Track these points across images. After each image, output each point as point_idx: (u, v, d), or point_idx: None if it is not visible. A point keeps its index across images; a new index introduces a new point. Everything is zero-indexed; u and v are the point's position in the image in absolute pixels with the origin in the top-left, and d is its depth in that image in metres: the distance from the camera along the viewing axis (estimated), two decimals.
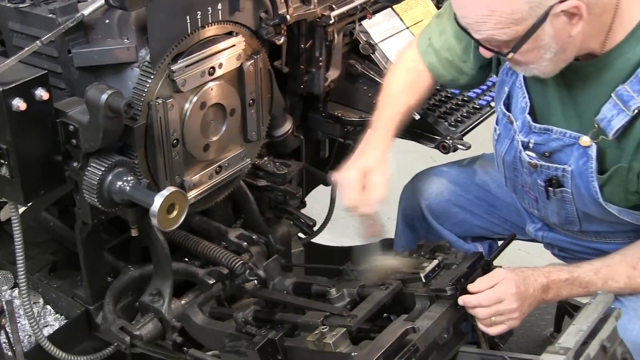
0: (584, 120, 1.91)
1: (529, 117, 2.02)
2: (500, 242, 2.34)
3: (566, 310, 2.76)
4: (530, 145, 2.03)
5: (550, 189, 2.03)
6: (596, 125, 1.86)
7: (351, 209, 2.09)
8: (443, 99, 2.69)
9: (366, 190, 2.08)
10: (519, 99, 2.06)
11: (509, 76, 2.09)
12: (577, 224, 2.10)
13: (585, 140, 1.89)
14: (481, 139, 4.56)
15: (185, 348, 2.17)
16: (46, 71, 1.80)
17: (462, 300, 1.91)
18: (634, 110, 1.78)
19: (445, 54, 2.26)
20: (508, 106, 2.12)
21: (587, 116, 1.89)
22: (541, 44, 1.75)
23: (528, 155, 2.04)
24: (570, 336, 1.61)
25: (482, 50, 1.87)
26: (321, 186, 3.08)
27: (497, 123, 2.18)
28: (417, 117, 2.50)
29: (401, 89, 2.30)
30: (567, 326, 1.67)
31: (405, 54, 2.37)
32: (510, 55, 1.79)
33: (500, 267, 2.02)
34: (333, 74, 2.58)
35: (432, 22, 2.34)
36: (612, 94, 1.82)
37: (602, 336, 1.63)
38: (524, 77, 2.03)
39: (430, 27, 2.32)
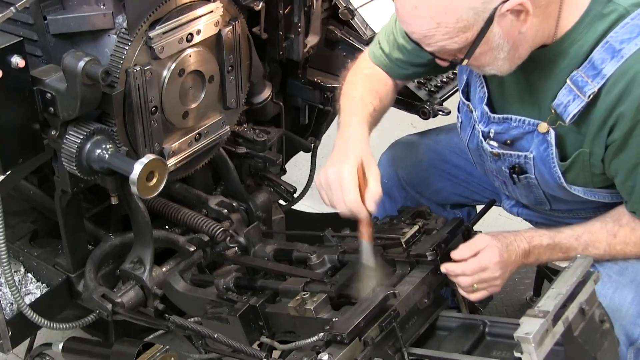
0: (543, 107, 1.92)
1: (486, 108, 2.02)
2: (479, 209, 2.36)
3: (545, 274, 2.80)
4: (491, 134, 2.03)
5: (515, 175, 2.04)
6: (553, 111, 1.87)
7: (350, 211, 1.90)
8: None
9: (364, 188, 1.90)
10: (477, 88, 2.06)
11: (466, 65, 2.08)
12: (547, 204, 2.12)
13: (543, 126, 1.90)
14: None
15: (166, 315, 2.17)
16: (21, 38, 1.77)
17: (445, 268, 1.93)
18: (589, 96, 1.79)
19: (397, 54, 2.21)
20: (467, 94, 2.12)
21: (545, 103, 1.90)
22: (493, 46, 1.75)
23: (490, 145, 2.04)
24: (550, 300, 1.62)
25: (438, 61, 1.85)
26: (301, 153, 3.08)
27: (458, 110, 2.18)
28: None
29: (365, 93, 2.19)
30: (547, 290, 1.68)
31: (359, 64, 2.30)
32: (465, 61, 1.79)
33: (481, 232, 2.04)
34: (312, 40, 2.57)
35: (380, 31, 2.30)
36: (567, 80, 1.82)
37: (580, 299, 1.65)
38: None
39: (379, 34, 2.29)
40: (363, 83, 2.22)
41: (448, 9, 1.69)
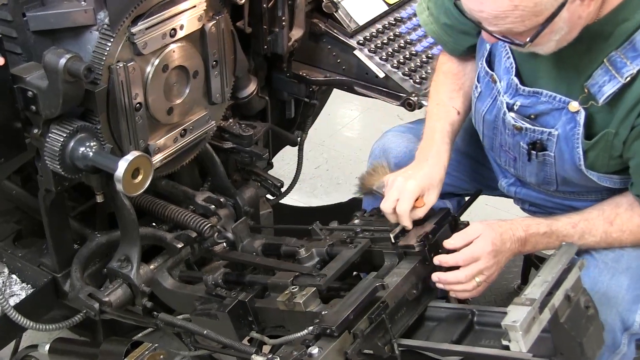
0: (573, 84, 1.90)
1: (516, 80, 2.00)
2: (467, 198, 2.36)
3: (532, 262, 2.81)
4: (515, 107, 2.02)
5: (533, 152, 2.02)
6: (586, 90, 1.85)
7: (391, 214, 2.04)
8: (407, 56, 2.68)
9: (417, 205, 2.02)
10: (502, 58, 2.04)
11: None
12: (554, 185, 2.10)
13: (574, 105, 1.88)
14: None
15: (155, 313, 2.16)
16: (0, 36, 1.76)
17: (438, 259, 1.92)
18: (626, 78, 1.78)
19: (444, 19, 2.20)
20: (490, 64, 2.10)
21: (577, 81, 1.88)
22: (554, 29, 1.73)
23: (513, 117, 2.02)
24: (536, 287, 1.63)
25: (487, 37, 1.82)
26: (288, 147, 3.08)
27: (478, 80, 2.15)
28: (382, 75, 2.49)
29: (447, 97, 2.25)
30: (533, 278, 1.69)
31: (439, 59, 2.34)
32: (528, 45, 1.75)
33: (468, 223, 2.03)
34: (296, 33, 2.56)
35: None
36: (605, 60, 1.80)
37: (566, 286, 1.66)
38: None
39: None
40: (444, 83, 2.28)
41: None
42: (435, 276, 1.93)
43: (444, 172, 2.09)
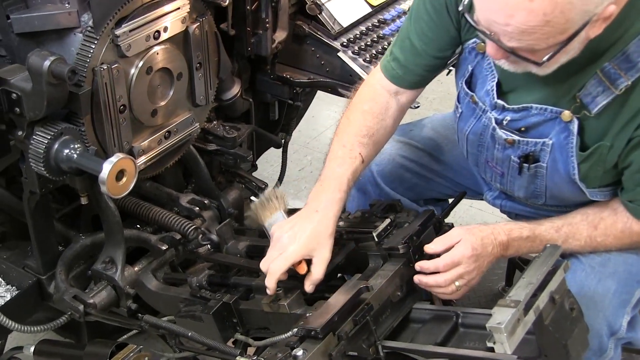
0: (562, 96, 1.89)
1: (501, 102, 1.98)
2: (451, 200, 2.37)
3: (517, 264, 2.82)
4: (505, 122, 1.99)
5: (525, 164, 2.00)
6: (578, 101, 1.84)
7: (265, 272, 1.94)
8: None
9: (298, 270, 1.93)
10: (486, 80, 2.02)
11: (472, 55, 2.05)
12: (543, 198, 2.09)
13: (566, 114, 1.87)
14: (430, 97, 4.61)
15: (140, 314, 2.16)
16: None
17: (419, 265, 1.92)
18: (621, 89, 1.77)
19: (414, 59, 2.12)
20: (470, 84, 2.08)
21: (567, 92, 1.87)
22: (568, 49, 1.69)
23: (504, 132, 2.00)
24: (520, 289, 1.64)
25: (495, 52, 1.75)
26: (272, 149, 3.08)
27: (458, 101, 2.13)
28: (365, 76, 2.49)
29: (356, 140, 2.11)
30: (518, 280, 1.70)
31: (360, 95, 2.21)
32: (542, 65, 1.70)
33: (452, 225, 2.04)
34: (280, 35, 2.57)
35: (391, 46, 2.20)
36: (598, 71, 1.79)
37: (550, 288, 1.67)
38: None
39: (391, 47, 2.19)
40: (358, 124, 2.14)
41: (565, 7, 1.56)
42: (417, 279, 1.94)
43: (333, 226, 1.97)
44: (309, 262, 1.94)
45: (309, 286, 1.93)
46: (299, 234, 1.94)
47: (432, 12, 2.05)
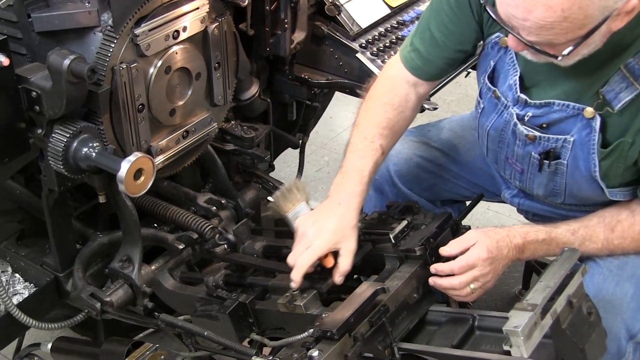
0: (585, 92, 1.88)
1: (524, 96, 1.98)
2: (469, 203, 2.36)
3: (534, 268, 2.81)
4: (526, 118, 1.99)
5: (546, 161, 2.00)
6: (601, 97, 1.84)
7: (292, 267, 1.95)
8: None
9: (324, 264, 1.96)
10: (508, 75, 2.02)
11: (495, 50, 2.05)
12: (562, 197, 2.08)
13: (589, 111, 1.86)
14: (448, 99, 4.59)
15: (156, 313, 2.17)
16: (6, 36, 1.76)
17: (434, 268, 1.92)
18: None
19: (435, 51, 2.13)
20: (492, 80, 2.08)
21: (589, 88, 1.86)
22: (589, 43, 1.69)
23: (525, 128, 2.00)
24: (538, 293, 1.63)
25: (515, 45, 1.76)
26: (289, 149, 3.08)
27: (480, 96, 2.13)
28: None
29: (376, 131, 2.13)
30: (535, 283, 1.69)
31: (378, 87, 2.23)
32: (562, 58, 1.70)
33: (469, 227, 2.03)
34: (299, 35, 2.57)
35: (410, 35, 2.22)
36: (622, 67, 1.79)
37: (568, 292, 1.66)
38: (515, 52, 1.96)
39: (409, 36, 2.21)
40: (378, 115, 2.16)
41: (583, 3, 1.58)
42: (432, 281, 1.94)
43: (356, 217, 2.00)
44: (335, 254, 1.97)
45: (338, 278, 1.96)
46: (324, 228, 1.97)
47: (454, 4, 2.06)
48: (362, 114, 2.19)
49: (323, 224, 1.98)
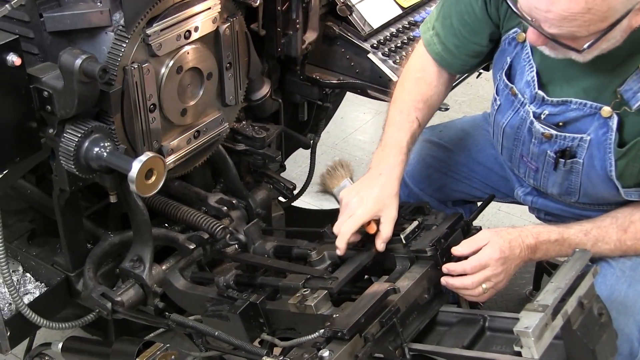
0: (603, 91, 1.88)
1: (541, 93, 1.98)
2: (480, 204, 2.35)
3: (545, 268, 2.80)
4: (543, 116, 1.99)
5: (562, 160, 2.00)
6: (619, 96, 1.83)
7: (337, 235, 2.05)
8: None
9: (368, 230, 2.04)
10: (525, 71, 2.02)
11: (512, 46, 2.05)
12: (576, 195, 2.08)
13: (607, 110, 1.86)
14: (460, 100, 4.59)
15: (167, 313, 2.17)
16: (17, 36, 1.76)
17: (447, 268, 1.92)
18: None
19: (453, 40, 2.17)
20: (509, 77, 2.08)
21: (607, 86, 1.86)
22: (609, 37, 1.69)
23: (541, 126, 2.00)
24: (549, 294, 1.62)
25: (535, 39, 1.75)
26: (300, 149, 3.08)
27: (497, 93, 2.13)
28: (395, 78, 2.49)
29: (412, 105, 2.20)
30: (546, 284, 1.68)
31: (412, 64, 2.29)
32: (583, 52, 1.70)
33: (480, 228, 2.03)
34: (310, 36, 2.56)
35: (434, 10, 2.25)
36: (639, 65, 1.78)
37: (579, 293, 1.65)
38: (531, 49, 1.97)
39: (432, 19, 2.24)
40: (413, 90, 2.24)
41: None
42: (444, 280, 1.94)
43: (397, 186, 2.09)
44: (377, 222, 2.04)
45: (380, 244, 2.03)
46: (366, 197, 2.05)
47: None
48: (397, 90, 2.27)
49: (365, 194, 2.05)
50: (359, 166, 4.01)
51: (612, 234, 1.97)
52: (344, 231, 2.02)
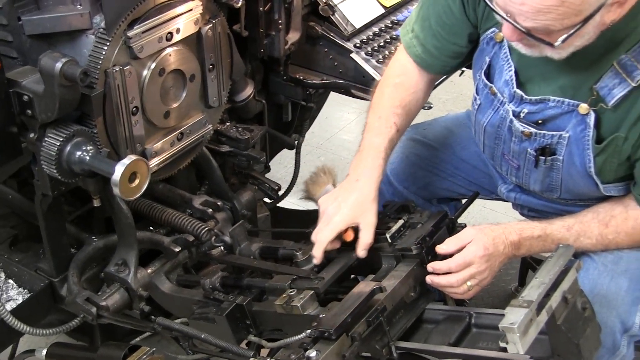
0: (580, 88, 1.89)
1: (519, 92, 1.99)
2: (465, 201, 2.36)
3: (530, 264, 2.81)
4: (522, 114, 2.00)
5: (542, 157, 2.01)
6: (595, 93, 1.85)
7: (314, 242, 2.03)
8: None
9: (345, 238, 2.03)
10: (503, 70, 2.03)
11: (490, 46, 2.06)
12: (558, 192, 2.10)
13: (584, 107, 1.88)
14: (443, 98, 4.60)
15: (153, 317, 2.16)
16: None
17: (432, 266, 1.93)
18: (637, 81, 1.77)
19: (432, 41, 2.18)
20: (488, 76, 2.09)
21: (584, 84, 1.87)
22: (583, 33, 1.70)
23: (521, 124, 2.01)
24: (533, 289, 1.63)
25: (510, 34, 1.76)
26: (285, 150, 3.07)
27: (477, 93, 2.15)
28: (378, 77, 2.49)
29: (390, 111, 2.19)
30: (530, 280, 1.69)
31: (391, 69, 2.29)
32: (559, 45, 1.70)
33: (465, 225, 2.03)
34: (293, 36, 2.56)
35: (413, 12, 2.25)
36: (615, 63, 1.80)
37: (563, 288, 1.66)
38: (509, 48, 1.98)
39: (412, 21, 2.23)
40: (391, 96, 2.22)
41: None
42: (429, 279, 1.94)
43: (375, 191, 2.07)
44: (356, 229, 2.01)
45: (361, 251, 2.00)
46: (342, 203, 2.04)
47: None
48: (376, 96, 2.26)
49: (342, 200, 2.04)
50: (345, 166, 4.00)
51: (593, 228, 1.98)
52: (320, 240, 2.00)
